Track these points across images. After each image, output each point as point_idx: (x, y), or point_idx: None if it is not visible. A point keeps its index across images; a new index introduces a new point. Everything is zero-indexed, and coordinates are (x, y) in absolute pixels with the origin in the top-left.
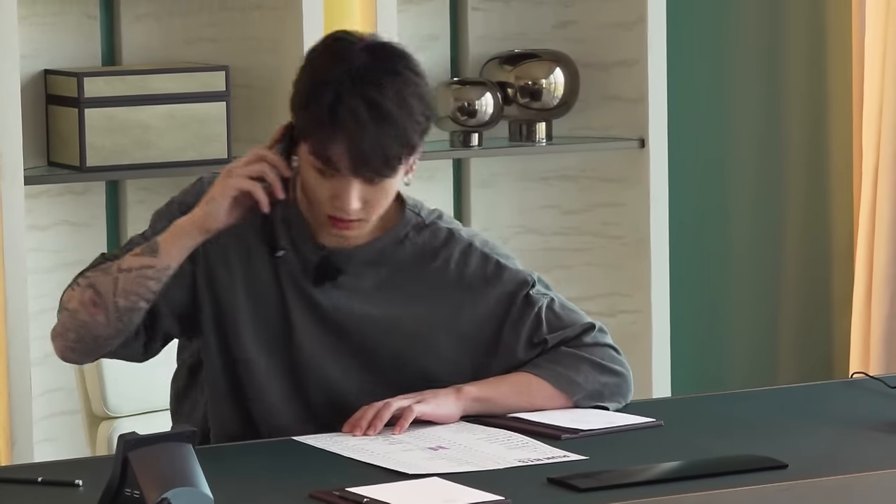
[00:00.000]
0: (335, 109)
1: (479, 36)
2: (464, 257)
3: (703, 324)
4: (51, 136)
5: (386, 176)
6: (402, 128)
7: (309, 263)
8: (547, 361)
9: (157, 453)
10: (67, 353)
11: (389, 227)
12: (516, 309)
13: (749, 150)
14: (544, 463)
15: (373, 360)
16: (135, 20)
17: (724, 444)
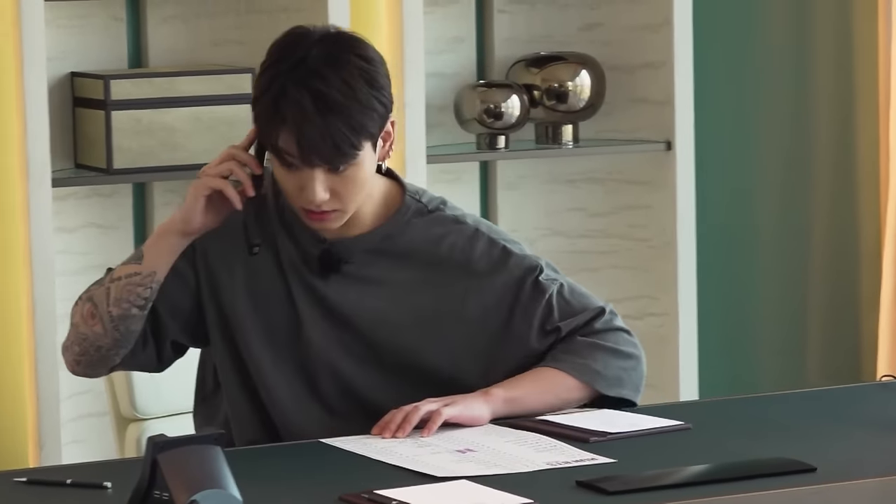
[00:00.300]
0: (279, 102)
1: (505, 38)
2: (470, 243)
3: (730, 326)
4: (78, 139)
5: (341, 163)
6: (350, 115)
7: (310, 256)
8: (564, 353)
9: (186, 455)
10: (75, 366)
11: (391, 214)
12: (525, 296)
13: (776, 151)
14: (572, 466)
15: (383, 352)
16: (161, 22)
17: (753, 448)
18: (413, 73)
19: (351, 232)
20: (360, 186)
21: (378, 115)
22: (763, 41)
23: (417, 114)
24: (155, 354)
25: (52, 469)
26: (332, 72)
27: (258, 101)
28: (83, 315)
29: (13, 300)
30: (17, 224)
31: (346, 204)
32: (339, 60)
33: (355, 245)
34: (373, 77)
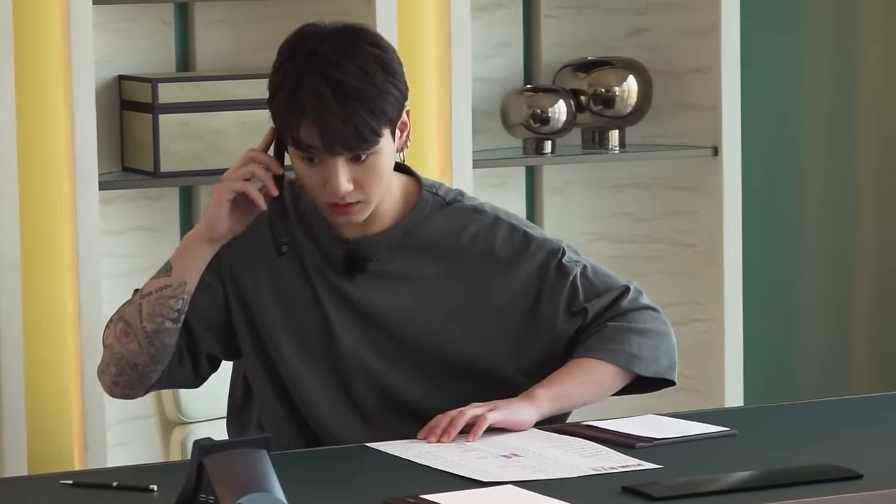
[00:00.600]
0: (297, 95)
1: (553, 43)
2: (491, 231)
3: (775, 332)
4: (125, 142)
5: (363, 149)
6: (368, 100)
7: (334, 257)
8: (597, 341)
9: (232, 459)
10: (113, 388)
11: (410, 208)
12: (550, 280)
13: (822, 157)
14: (618, 471)
15: (413, 348)
16: (209, 26)
17: (798, 454)
18: (460, 77)
19: (372, 229)
20: (381, 176)
21: (395, 100)
22: (810, 46)
23: (464, 118)
24: (191, 369)
25: (98, 472)
26: (346, 60)
27: (275, 98)
28: (116, 335)
29: (59, 303)
30: (64, 227)
31: (369, 194)
32: (353, 49)
33: (378, 242)
34: (387, 63)
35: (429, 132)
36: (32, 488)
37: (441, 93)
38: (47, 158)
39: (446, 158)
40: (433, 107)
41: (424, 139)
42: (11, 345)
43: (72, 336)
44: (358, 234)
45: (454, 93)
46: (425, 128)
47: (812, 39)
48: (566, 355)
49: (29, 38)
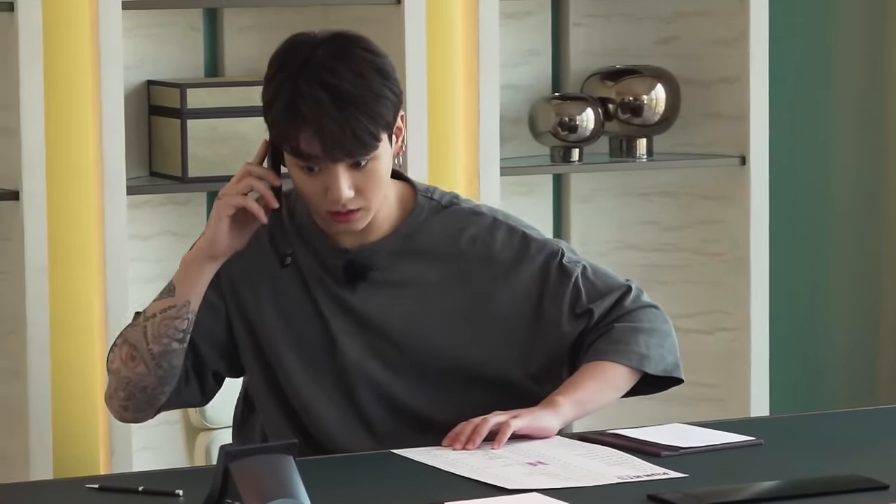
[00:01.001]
0: (296, 103)
1: (581, 51)
2: (489, 233)
3: (802, 341)
4: (153, 147)
5: (363, 155)
6: (365, 104)
7: (333, 268)
8: (607, 343)
9: (258, 465)
10: (122, 412)
11: (407, 214)
12: (552, 282)
13: (850, 167)
14: (644, 480)
15: (418, 356)
16: (238, 32)
17: (824, 464)
18: (488, 85)
19: (370, 237)
20: (380, 181)
21: (392, 104)
22: (838, 55)
23: (492, 126)
24: (198, 389)
25: (124, 476)
26: (341, 65)
27: (271, 108)
28: (123, 359)
29: (87, 307)
30: (91, 231)
31: (369, 200)
32: (347, 55)
33: (377, 250)
34: (381, 67)
35: (456, 139)
36: (58, 492)
37: (469, 100)
38: (75, 163)
39: (473, 166)
40: (461, 114)
41: (452, 146)
42: (39, 349)
43: (99, 341)
44: (356, 243)
45: (482, 100)
46: (453, 135)
47: (840, 48)
48: (570, 356)
49: (58, 43)
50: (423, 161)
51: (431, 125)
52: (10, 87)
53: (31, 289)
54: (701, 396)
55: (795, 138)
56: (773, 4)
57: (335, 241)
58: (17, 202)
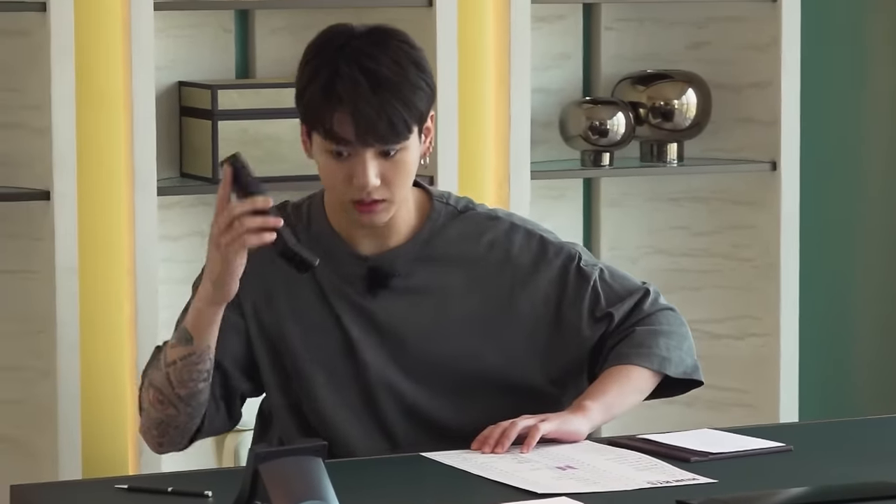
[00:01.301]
0: (333, 84)
1: (612, 55)
2: (507, 238)
3: (831, 347)
4: (184, 148)
5: (394, 142)
6: (401, 91)
7: (353, 276)
8: (629, 347)
9: (287, 466)
10: (158, 447)
11: (424, 220)
12: (571, 286)
13: (882, 173)
14: (673, 485)
15: (438, 363)
16: (269, 34)
17: (854, 471)
18: (519, 88)
19: (390, 243)
20: (407, 174)
21: (426, 97)
22: (870, 60)
23: (522, 129)
24: (226, 415)
25: (153, 477)
26: (379, 52)
27: (307, 90)
28: (151, 402)
29: (116, 308)
30: (122, 232)
31: (394, 193)
32: (385, 43)
33: (397, 256)
34: (418, 60)
35: (487, 143)
36: (87, 492)
37: (500, 103)
38: (106, 163)
39: (504, 169)
40: (491, 117)
41: (482, 150)
42: (68, 349)
43: (128, 342)
44: (376, 250)
45: (513, 103)
46: (483, 138)
47: (873, 53)
48: (590, 360)
49: (90, 43)
50: (454, 164)
51: (462, 128)
52: (42, 87)
53: (61, 288)
54: (730, 402)
55: (827, 144)
56: (806, 10)
57: (354, 248)
58: (48, 202)
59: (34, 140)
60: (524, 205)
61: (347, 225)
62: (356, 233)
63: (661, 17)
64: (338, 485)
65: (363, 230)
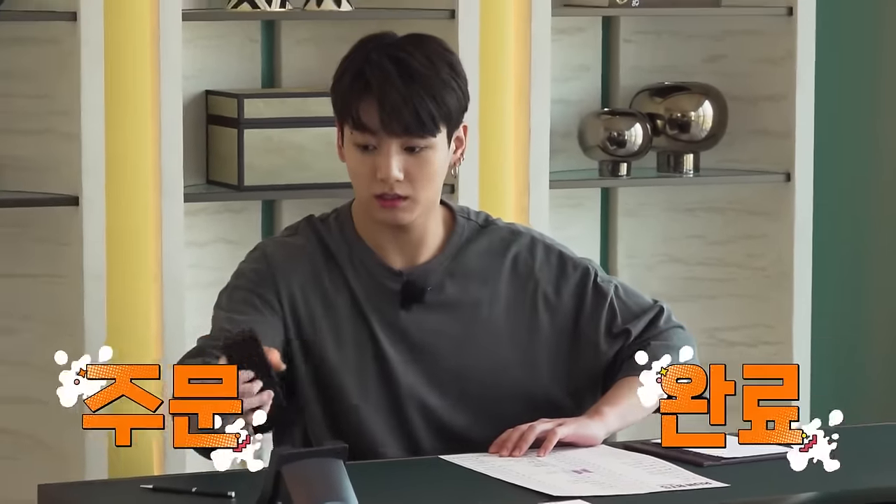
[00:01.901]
0: (363, 72)
1: (631, 67)
2: (530, 252)
3: (843, 355)
4: (210, 156)
5: (419, 133)
6: (430, 84)
7: (387, 290)
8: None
9: (309, 468)
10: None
11: (449, 235)
12: (589, 302)
13: (893, 184)
14: (686, 489)
15: (466, 377)
16: (295, 45)
17: (865, 477)
18: (539, 99)
19: (420, 258)
20: (432, 175)
21: (457, 98)
22: (884, 76)
23: (542, 139)
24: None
25: (177, 477)
26: (415, 48)
27: (340, 80)
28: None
29: (143, 314)
30: (149, 238)
31: (417, 191)
32: (420, 42)
33: (429, 271)
34: (453, 62)
35: (507, 152)
36: (113, 492)
37: (520, 114)
38: (134, 170)
39: (524, 178)
40: (512, 127)
41: (502, 159)
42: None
43: (155, 346)
44: (407, 263)
45: (533, 114)
46: (503, 148)
47: (886, 67)
48: (605, 374)
49: (119, 52)
50: (475, 174)
51: (483, 138)
52: (72, 95)
53: (88, 294)
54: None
55: (840, 156)
56: (820, 24)
57: (385, 261)
58: (77, 207)
59: (63, 146)
60: (543, 213)
61: (377, 236)
62: (386, 245)
63: (678, 31)
64: (358, 486)
65: (393, 242)
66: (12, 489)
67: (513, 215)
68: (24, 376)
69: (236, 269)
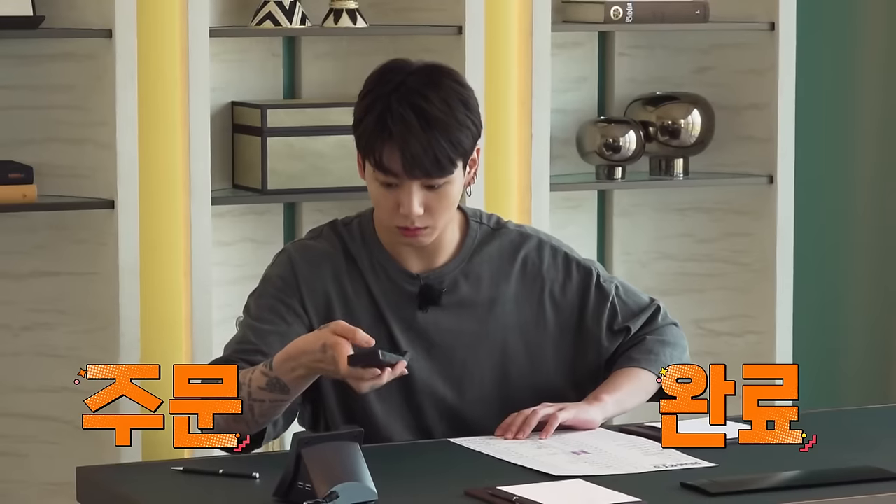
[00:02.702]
0: (385, 119)
1: (625, 79)
2: (538, 254)
3: (823, 344)
4: (236, 162)
5: (438, 176)
6: (448, 130)
7: (406, 293)
8: (639, 353)
9: (328, 451)
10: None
11: (463, 238)
12: (592, 300)
13: (870, 185)
14: (678, 468)
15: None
16: (314, 59)
17: (843, 456)
18: (540, 108)
19: (437, 262)
20: (450, 205)
21: (471, 135)
22: (859, 85)
23: (543, 145)
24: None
25: (205, 460)
26: (432, 92)
27: (362, 122)
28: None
29: (174, 308)
30: (179, 237)
31: (436, 220)
32: (437, 83)
33: (445, 274)
34: (467, 99)
35: (510, 157)
36: (146, 474)
37: (522, 122)
38: (165, 175)
39: (526, 182)
40: (515, 134)
41: (507, 164)
42: (130, 344)
43: (185, 337)
44: (425, 267)
45: (534, 122)
46: (507, 153)
47: (862, 78)
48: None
49: (151, 67)
50: (482, 178)
51: (489, 144)
52: (107, 106)
53: (123, 289)
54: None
55: (819, 159)
56: (800, 38)
57: (404, 265)
58: (113, 210)
59: (100, 154)
60: (544, 214)
61: (396, 243)
62: (404, 250)
63: (669, 45)
64: (373, 468)
65: (411, 248)
66: (56, 472)
67: (516, 216)
68: (66, 367)
69: (264, 274)
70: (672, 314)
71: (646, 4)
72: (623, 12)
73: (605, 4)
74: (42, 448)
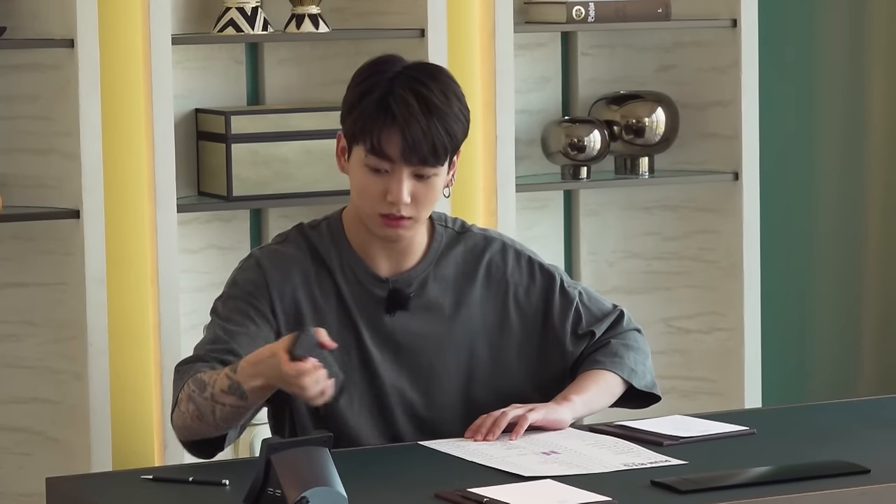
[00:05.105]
0: (387, 102)
1: (588, 78)
2: (502, 257)
3: (790, 340)
4: (201, 169)
5: (432, 164)
6: (446, 119)
7: (374, 297)
8: (605, 356)
9: (297, 456)
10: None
11: (430, 242)
12: (556, 305)
13: (834, 181)
14: (648, 467)
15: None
16: (277, 64)
17: (812, 451)
18: (504, 109)
19: (406, 265)
20: (434, 198)
21: (464, 129)
22: (822, 81)
23: (507, 147)
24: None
25: (176, 468)
26: (430, 80)
27: (358, 104)
28: (190, 414)
29: (141, 315)
30: (145, 245)
31: (420, 213)
32: (434, 75)
33: (413, 277)
34: (460, 95)
35: (475, 159)
36: (116, 483)
37: (487, 123)
38: (131, 184)
39: (491, 183)
40: (480, 136)
41: (472, 165)
42: (98, 353)
43: (153, 345)
44: (393, 271)
45: (499, 123)
46: (472, 155)
47: (824, 74)
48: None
49: (114, 75)
50: None
51: None
52: (71, 116)
53: (90, 298)
54: (699, 390)
55: (783, 156)
56: (762, 35)
57: (373, 269)
58: (78, 220)
59: (65, 164)
60: (510, 215)
61: (366, 245)
62: (375, 253)
63: (632, 43)
64: (343, 472)
65: (381, 251)
66: (26, 482)
67: (482, 217)
68: (35, 378)
69: (230, 278)
70: (640, 313)
71: (608, 4)
72: (585, 12)
73: (567, 4)
74: (12, 459)
